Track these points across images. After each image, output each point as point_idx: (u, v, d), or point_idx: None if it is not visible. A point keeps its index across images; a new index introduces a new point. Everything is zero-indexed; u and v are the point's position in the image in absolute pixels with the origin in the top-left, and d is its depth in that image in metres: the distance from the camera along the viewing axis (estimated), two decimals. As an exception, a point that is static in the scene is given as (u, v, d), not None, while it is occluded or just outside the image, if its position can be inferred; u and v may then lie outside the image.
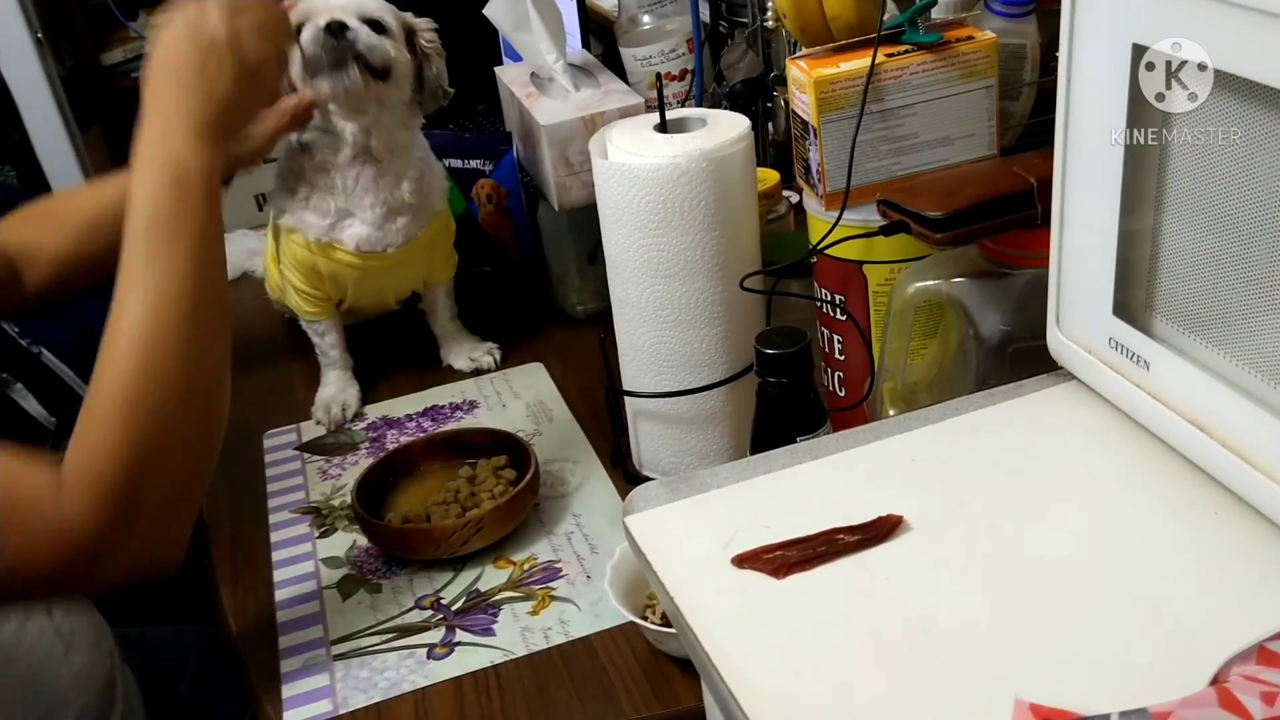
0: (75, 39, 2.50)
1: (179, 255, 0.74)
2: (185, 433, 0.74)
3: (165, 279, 0.73)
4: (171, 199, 0.74)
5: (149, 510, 0.71)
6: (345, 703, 0.81)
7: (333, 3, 1.03)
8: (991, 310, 0.76)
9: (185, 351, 0.73)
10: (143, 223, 0.74)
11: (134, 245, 0.74)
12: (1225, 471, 0.54)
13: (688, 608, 0.55)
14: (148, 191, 0.75)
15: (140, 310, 0.72)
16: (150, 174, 0.75)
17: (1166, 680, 0.46)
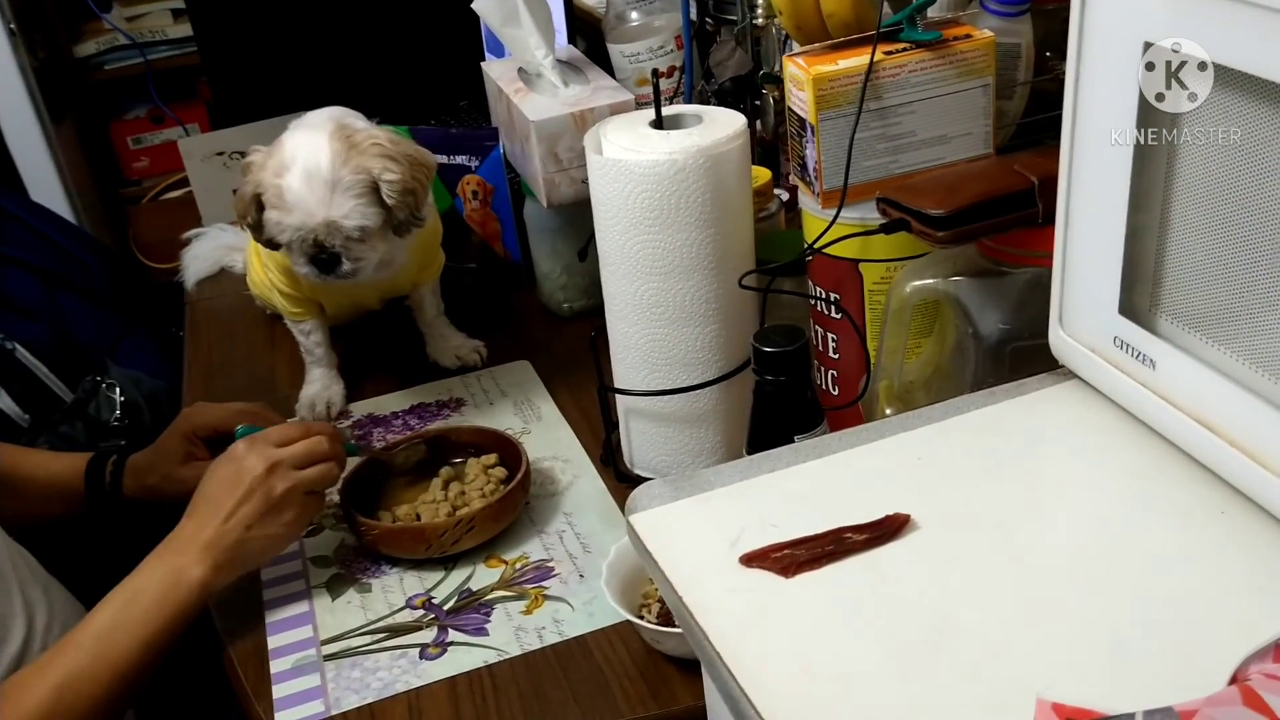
0: (48, 30, 2.46)
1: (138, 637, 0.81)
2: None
3: (115, 651, 0.80)
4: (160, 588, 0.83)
5: None
6: (337, 703, 0.80)
7: (314, 214, 0.99)
8: (991, 309, 0.76)
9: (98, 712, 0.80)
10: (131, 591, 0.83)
11: (111, 603, 0.83)
12: (1233, 470, 0.55)
13: (696, 607, 0.54)
14: (145, 576, 0.84)
15: (81, 662, 0.79)
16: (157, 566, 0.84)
17: (1182, 679, 0.46)
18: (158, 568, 0.84)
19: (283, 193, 0.99)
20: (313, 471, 0.89)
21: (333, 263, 1.02)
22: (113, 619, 0.82)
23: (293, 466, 0.87)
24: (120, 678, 0.80)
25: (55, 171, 2.23)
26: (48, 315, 1.62)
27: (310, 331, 1.17)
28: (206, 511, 0.86)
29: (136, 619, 0.81)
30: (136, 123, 2.65)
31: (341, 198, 0.99)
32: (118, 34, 2.54)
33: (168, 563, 0.84)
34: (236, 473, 0.86)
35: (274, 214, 1.00)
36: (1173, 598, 0.51)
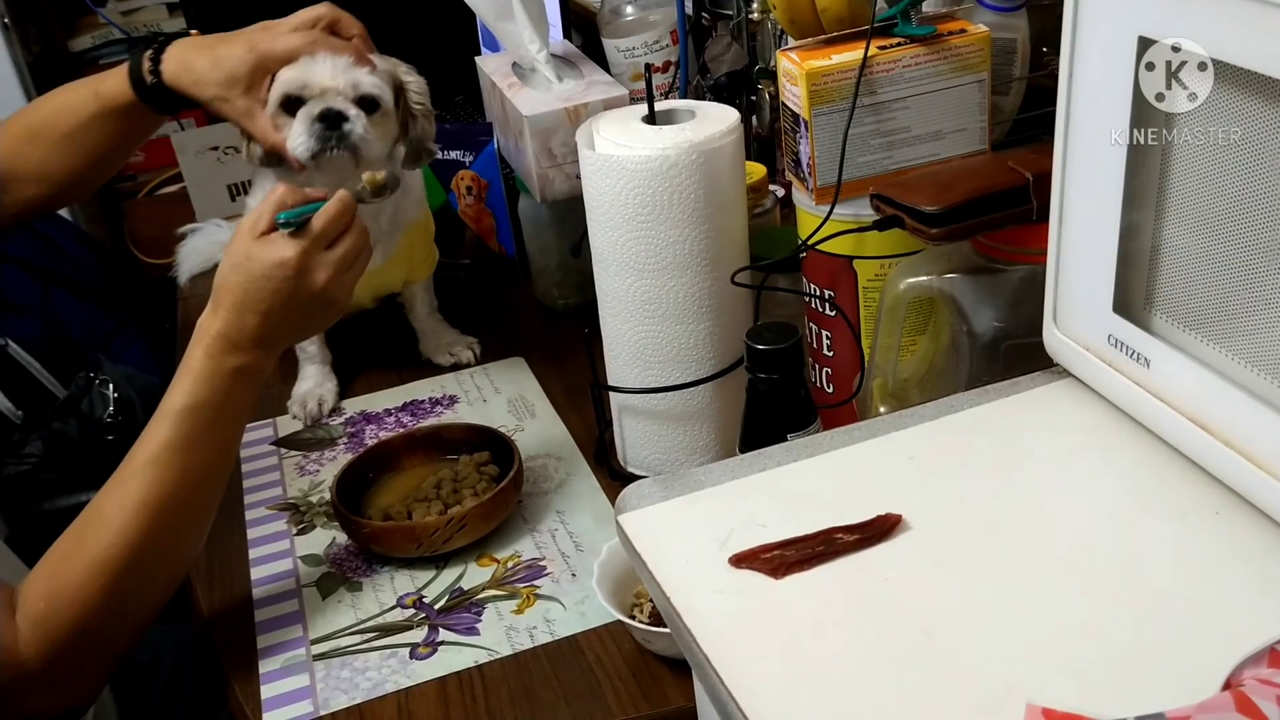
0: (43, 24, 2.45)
1: (215, 439, 0.80)
2: (154, 597, 0.80)
3: (195, 458, 0.79)
4: (227, 388, 0.80)
5: (90, 662, 0.77)
6: (326, 703, 0.79)
7: (328, 81, 0.98)
8: (985, 306, 0.76)
9: (187, 528, 0.80)
10: (191, 400, 0.79)
11: (173, 417, 0.79)
12: (1227, 470, 0.54)
13: (684, 608, 0.53)
14: (206, 374, 0.80)
15: (161, 480, 0.77)
16: (214, 359, 0.80)
17: (1175, 682, 0.46)
18: (217, 369, 0.80)
19: (304, 64, 0.97)
20: (360, 265, 0.86)
21: (339, 120, 0.97)
22: (188, 431, 0.78)
23: (347, 267, 0.84)
24: (206, 485, 0.80)
25: (49, 166, 2.22)
26: (41, 311, 1.62)
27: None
28: (255, 309, 0.81)
29: (213, 425, 0.80)
30: (132, 118, 2.64)
31: (363, 72, 0.99)
32: (112, 28, 2.53)
33: (226, 364, 0.80)
34: (294, 288, 0.81)
35: (289, 71, 0.97)
36: (1166, 600, 0.50)
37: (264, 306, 0.81)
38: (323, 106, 0.97)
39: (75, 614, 0.74)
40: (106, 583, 0.75)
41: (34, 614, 0.74)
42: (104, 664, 0.78)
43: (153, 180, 2.31)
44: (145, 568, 0.77)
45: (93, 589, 0.74)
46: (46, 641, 0.73)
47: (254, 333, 0.81)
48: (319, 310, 0.84)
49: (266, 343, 0.82)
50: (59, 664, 0.74)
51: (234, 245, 0.82)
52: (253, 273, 0.80)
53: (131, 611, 0.78)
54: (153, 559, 0.77)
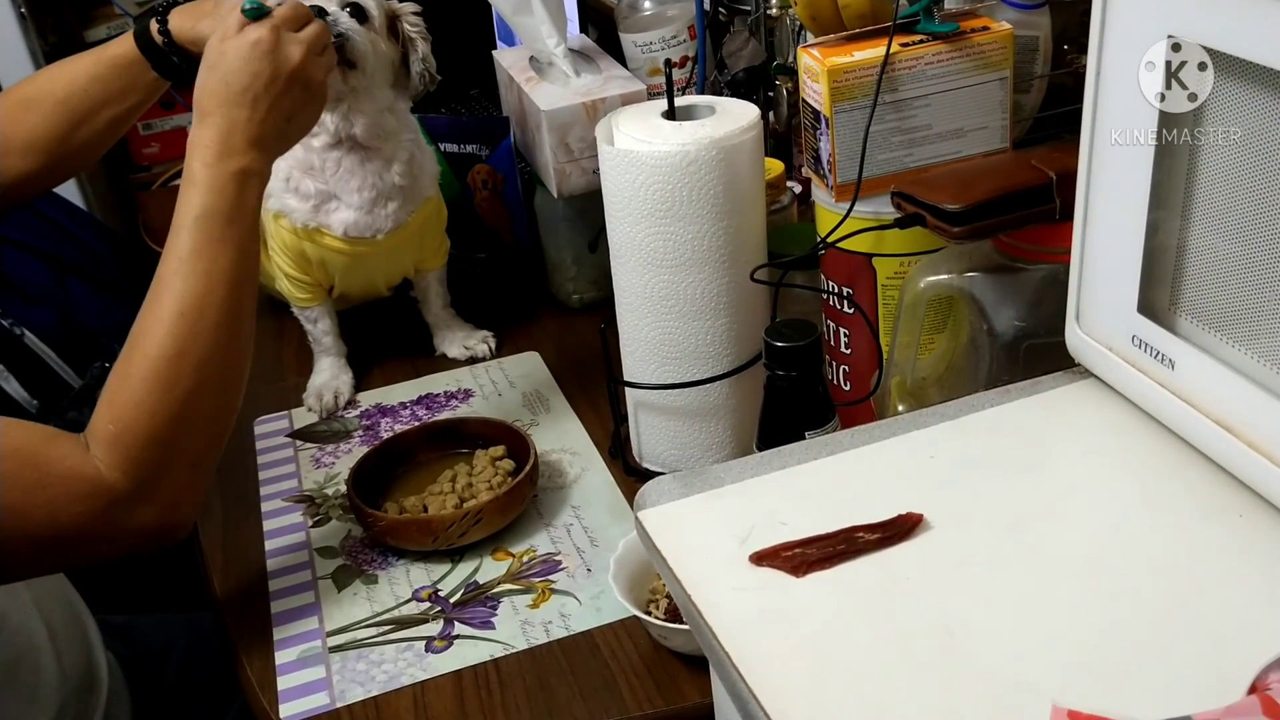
0: (59, 15, 2.45)
1: (232, 242, 0.80)
2: (214, 400, 0.80)
3: (219, 263, 0.80)
4: (232, 192, 0.80)
5: (174, 471, 0.78)
6: (342, 695, 0.79)
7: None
8: (1006, 306, 0.75)
9: (228, 328, 0.80)
10: (202, 209, 0.80)
11: (189, 228, 0.80)
12: (1252, 473, 0.54)
13: (705, 605, 0.53)
14: (210, 181, 0.80)
15: (192, 288, 0.79)
16: (213, 166, 0.80)
17: (1200, 685, 0.45)
18: (219, 175, 0.80)
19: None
20: (330, 54, 0.88)
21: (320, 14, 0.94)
22: (203, 239, 0.80)
23: (319, 49, 0.85)
24: (235, 289, 0.80)
25: (65, 156, 2.22)
26: (56, 301, 1.62)
27: (318, 319, 1.17)
28: (241, 103, 0.81)
29: (226, 229, 0.80)
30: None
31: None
32: (128, 19, 2.53)
33: (227, 168, 0.80)
34: (273, 68, 0.82)
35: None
36: (1190, 602, 0.50)
37: (248, 95, 0.81)
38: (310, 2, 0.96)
39: (143, 425, 0.76)
40: (164, 389, 0.76)
41: (105, 438, 0.76)
42: (190, 474, 0.79)
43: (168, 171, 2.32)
44: (198, 371, 0.78)
45: (152, 398, 0.76)
46: (125, 458, 0.75)
47: (245, 130, 0.81)
48: (301, 92, 0.84)
49: (260, 141, 0.82)
50: (144, 475, 0.76)
51: (206, 55, 0.83)
52: (230, 64, 0.81)
53: (198, 416, 0.79)
54: (203, 362, 0.78)
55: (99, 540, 0.77)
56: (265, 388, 1.20)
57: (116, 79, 1.03)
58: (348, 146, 1.07)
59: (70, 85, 1.03)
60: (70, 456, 0.75)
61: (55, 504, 0.74)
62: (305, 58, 0.83)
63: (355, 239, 1.10)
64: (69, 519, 0.74)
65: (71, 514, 0.74)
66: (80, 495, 0.74)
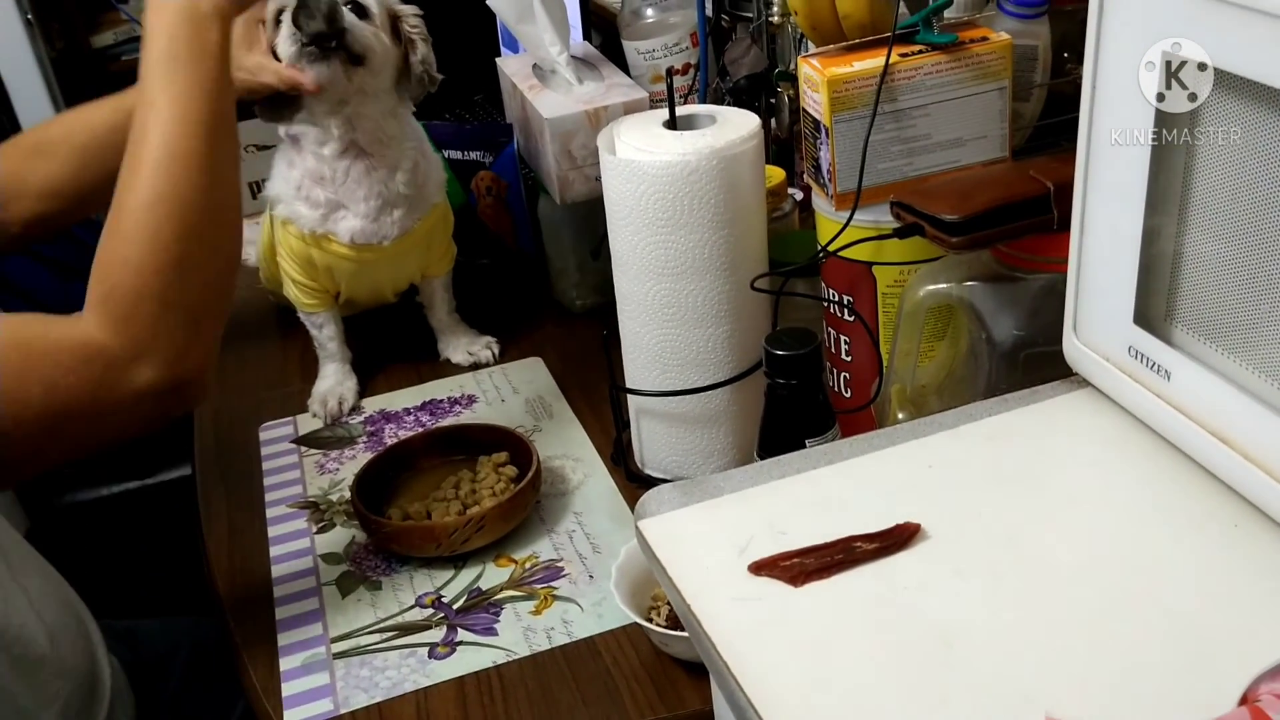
0: (65, 21, 2.47)
1: (196, 82, 0.78)
2: (204, 249, 0.78)
3: (185, 104, 0.77)
4: (187, 32, 0.78)
5: (170, 324, 0.75)
6: (346, 702, 0.80)
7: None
8: (1005, 315, 0.76)
9: (205, 170, 0.78)
10: (160, 54, 0.78)
11: (152, 75, 0.78)
12: (1247, 484, 0.54)
13: (704, 615, 0.54)
14: (163, 28, 0.79)
15: (162, 133, 0.76)
16: (165, 13, 0.79)
17: (1191, 696, 0.46)
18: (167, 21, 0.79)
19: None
20: None
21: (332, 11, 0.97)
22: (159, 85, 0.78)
23: None
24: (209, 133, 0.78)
25: (72, 162, 2.23)
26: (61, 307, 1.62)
27: (323, 325, 1.17)
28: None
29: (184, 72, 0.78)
30: (153, 113, 2.65)
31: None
32: (134, 25, 2.54)
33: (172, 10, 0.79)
34: None
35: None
36: (1183, 613, 0.50)
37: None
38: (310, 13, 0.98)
39: (130, 280, 0.74)
40: (146, 239, 0.74)
41: (95, 300, 0.74)
42: (190, 327, 0.77)
43: (173, 176, 2.33)
44: (180, 217, 0.76)
45: (136, 250, 0.74)
46: (114, 317, 0.73)
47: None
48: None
49: None
50: (137, 332, 0.74)
51: None
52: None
53: (189, 264, 0.76)
54: (184, 207, 0.76)
55: (106, 410, 0.75)
56: (270, 393, 1.21)
57: None
58: (354, 154, 1.08)
59: (89, 133, 1.04)
60: (56, 328, 0.74)
61: (50, 378, 0.72)
62: None
63: (362, 246, 1.11)
64: (67, 390, 0.72)
65: (69, 385, 0.72)
66: (73, 364, 0.72)
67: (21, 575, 0.91)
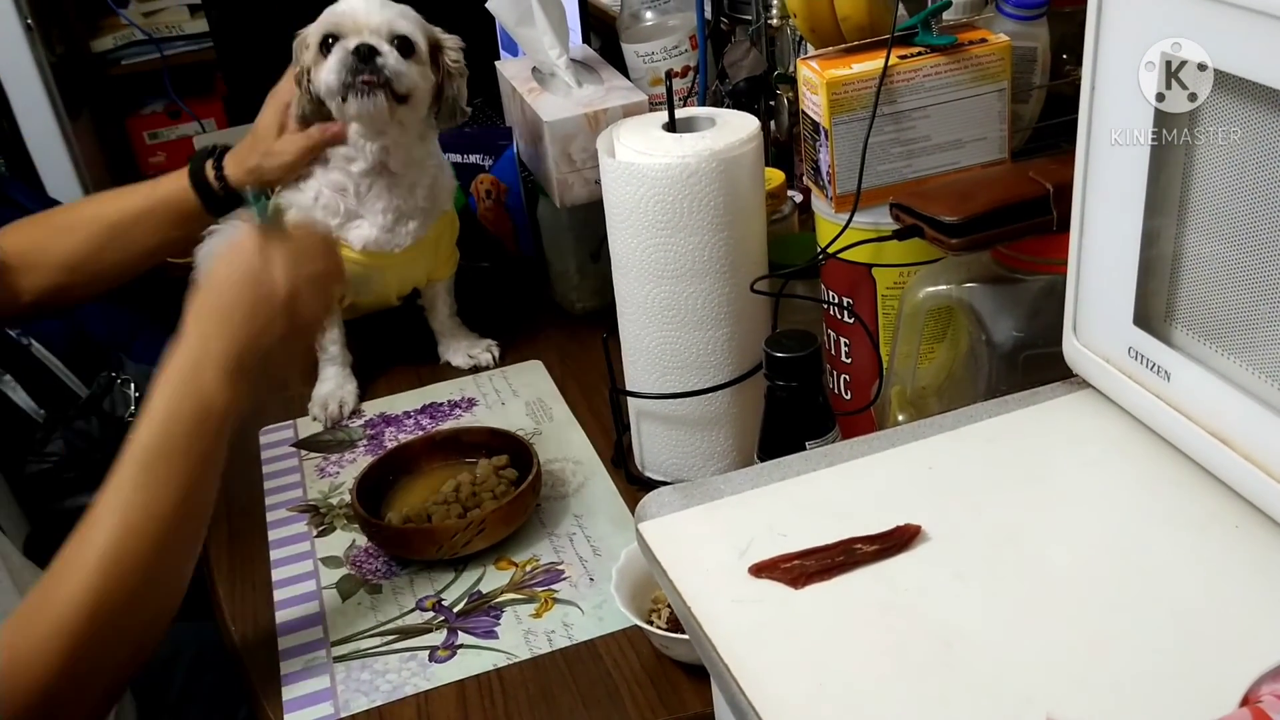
0: (65, 25, 2.47)
1: (174, 484, 0.73)
2: (128, 643, 0.73)
3: (153, 505, 0.72)
4: (186, 428, 0.74)
5: (73, 709, 0.71)
6: (346, 705, 0.80)
7: (363, 19, 1.01)
8: (1005, 316, 0.76)
9: (152, 578, 0.73)
10: (151, 440, 0.74)
11: (133, 459, 0.73)
12: (1247, 485, 0.54)
13: (705, 617, 0.54)
14: (165, 411, 0.74)
15: (119, 531, 0.71)
16: (174, 397, 0.75)
17: (1193, 697, 0.46)
18: (181, 400, 0.74)
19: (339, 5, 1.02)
20: (328, 273, 0.81)
21: (371, 54, 0.99)
22: (138, 476, 0.73)
23: (315, 283, 0.78)
24: (168, 531, 0.73)
25: (72, 167, 2.24)
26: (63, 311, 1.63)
27: (326, 328, 1.18)
28: (224, 324, 0.75)
29: (171, 466, 0.73)
30: (153, 118, 2.66)
31: (399, 14, 1.03)
32: (134, 29, 2.55)
33: (191, 393, 0.74)
34: (260, 294, 0.75)
35: (327, 16, 1.02)
36: (1184, 614, 0.50)
37: (229, 321, 0.75)
38: (358, 41, 1.00)
39: (52, 658, 0.68)
40: (67, 645, 0.69)
41: (14, 652, 0.69)
42: (93, 705, 0.73)
43: (173, 180, 2.33)
44: (111, 625, 0.71)
45: (53, 650, 0.69)
46: (25, 686, 0.68)
47: (217, 358, 0.74)
48: (286, 326, 0.77)
49: (232, 372, 0.75)
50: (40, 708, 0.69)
51: (211, 266, 0.79)
52: (219, 283, 0.77)
53: (116, 649, 0.72)
54: (119, 615, 0.71)
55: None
56: (271, 397, 1.21)
57: (168, 216, 1.09)
58: (379, 172, 1.09)
59: (120, 214, 1.08)
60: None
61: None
62: (299, 292, 0.76)
63: (374, 253, 1.12)
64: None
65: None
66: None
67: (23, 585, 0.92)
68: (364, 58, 1.00)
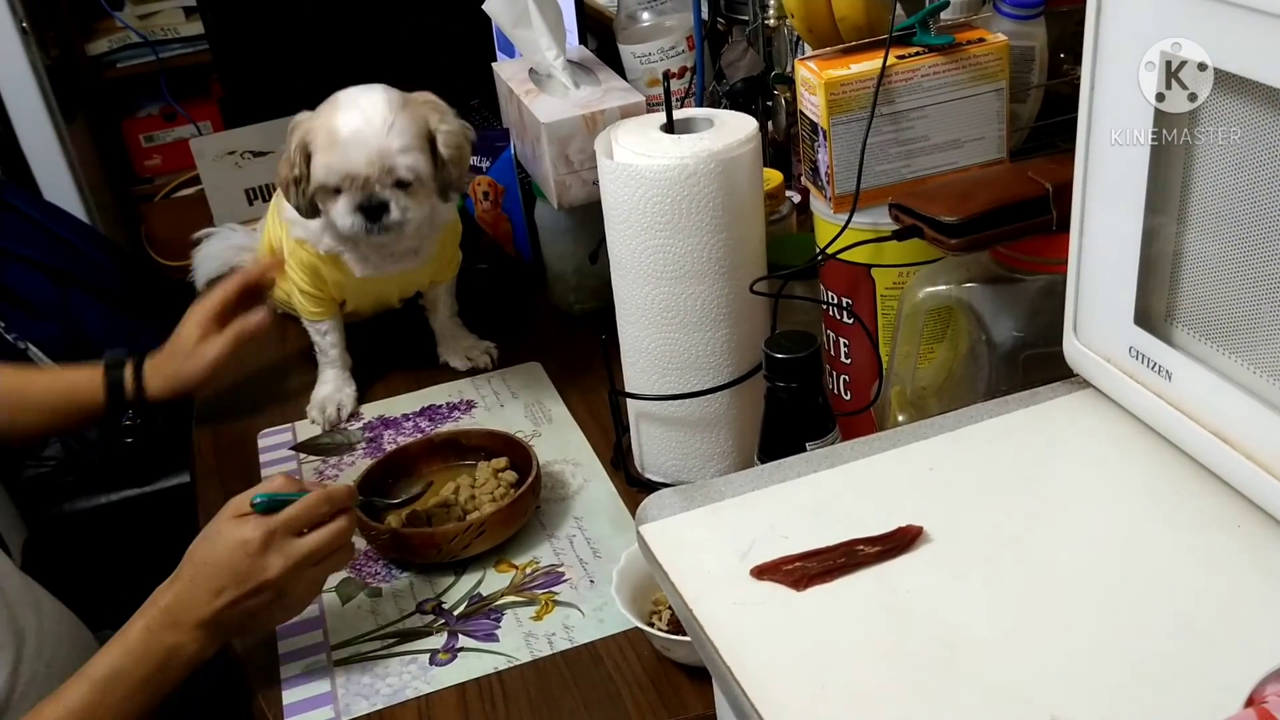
0: (60, 28, 2.46)
1: (121, 714, 0.77)
2: None
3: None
4: (155, 662, 0.78)
5: None
6: (347, 709, 0.80)
7: (364, 169, 0.99)
8: (1004, 316, 0.76)
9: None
10: (113, 668, 0.78)
11: (92, 681, 0.77)
12: (1249, 484, 0.54)
13: (706, 619, 0.54)
14: (137, 644, 0.78)
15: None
16: (149, 633, 0.79)
17: (1197, 698, 0.46)
18: (151, 644, 0.79)
19: (336, 131, 0.99)
20: (329, 565, 0.83)
21: (380, 210, 1.01)
22: (98, 696, 0.77)
23: (312, 563, 0.80)
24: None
25: (68, 170, 2.24)
26: (60, 314, 1.63)
27: (327, 332, 1.17)
28: (210, 588, 0.79)
29: (123, 697, 0.77)
30: (148, 121, 2.65)
31: (397, 136, 1.00)
32: (130, 32, 2.55)
33: (162, 640, 0.78)
34: (252, 568, 0.79)
35: (324, 156, 1.00)
36: (1187, 614, 0.50)
37: (216, 584, 0.79)
38: (362, 197, 1.00)
39: None
40: None
41: None
42: None
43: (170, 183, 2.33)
44: None
45: None
46: None
47: (199, 611, 0.78)
48: (272, 598, 0.80)
49: (209, 626, 0.79)
50: None
51: (213, 521, 0.82)
52: (216, 548, 0.80)
53: None
54: None
55: None
56: (268, 400, 1.20)
57: (68, 407, 1.11)
58: None
59: (20, 391, 1.09)
60: None
61: None
62: (286, 572, 0.79)
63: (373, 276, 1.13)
64: None
65: None
66: None
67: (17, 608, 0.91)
68: (373, 215, 1.01)
